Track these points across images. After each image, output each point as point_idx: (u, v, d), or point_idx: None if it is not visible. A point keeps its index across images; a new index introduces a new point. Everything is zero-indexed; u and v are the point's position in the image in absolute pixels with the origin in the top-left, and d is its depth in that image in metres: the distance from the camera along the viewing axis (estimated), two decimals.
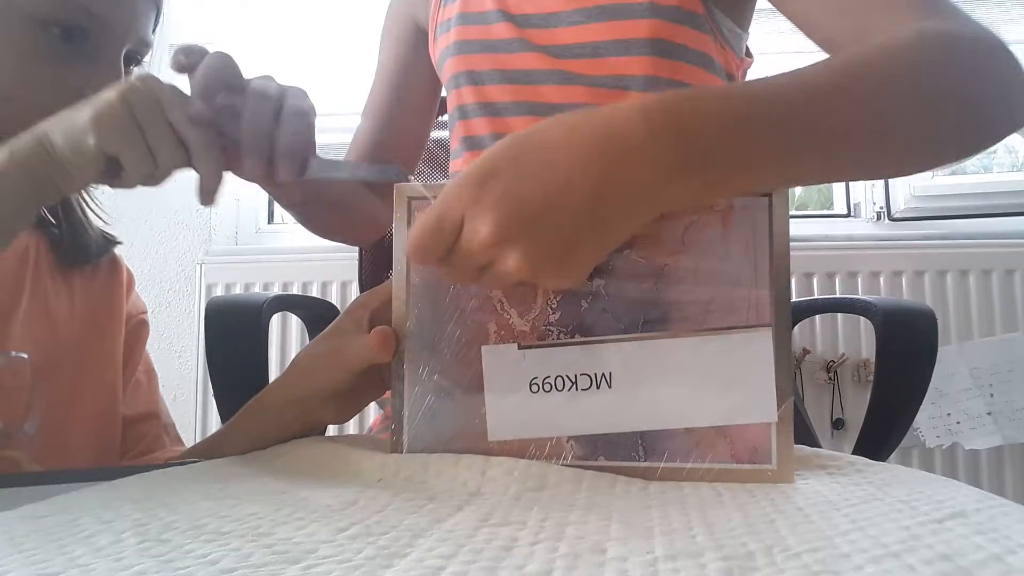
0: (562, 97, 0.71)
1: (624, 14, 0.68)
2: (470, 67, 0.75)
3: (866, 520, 0.30)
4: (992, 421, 1.43)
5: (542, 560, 0.26)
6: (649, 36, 0.67)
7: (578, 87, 0.70)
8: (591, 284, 0.42)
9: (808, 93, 0.41)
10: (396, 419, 0.44)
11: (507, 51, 0.73)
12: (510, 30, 0.73)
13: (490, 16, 0.75)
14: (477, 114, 0.75)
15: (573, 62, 0.70)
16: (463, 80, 0.75)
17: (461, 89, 0.76)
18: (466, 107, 0.76)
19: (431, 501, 0.35)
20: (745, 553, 0.26)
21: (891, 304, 0.75)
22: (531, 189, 0.37)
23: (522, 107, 0.73)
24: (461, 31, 0.76)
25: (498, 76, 0.73)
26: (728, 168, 0.38)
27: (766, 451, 0.40)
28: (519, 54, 0.73)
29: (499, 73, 0.73)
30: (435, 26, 0.81)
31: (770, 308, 0.41)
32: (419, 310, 0.44)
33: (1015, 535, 0.27)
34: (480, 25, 0.75)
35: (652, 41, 0.67)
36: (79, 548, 0.28)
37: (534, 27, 0.72)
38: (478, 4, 0.76)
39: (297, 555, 0.26)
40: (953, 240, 1.52)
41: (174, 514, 0.32)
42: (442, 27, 0.80)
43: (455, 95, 0.77)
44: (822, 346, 1.49)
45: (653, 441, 0.41)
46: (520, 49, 0.72)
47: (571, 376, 0.42)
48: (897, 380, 0.72)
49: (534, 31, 0.72)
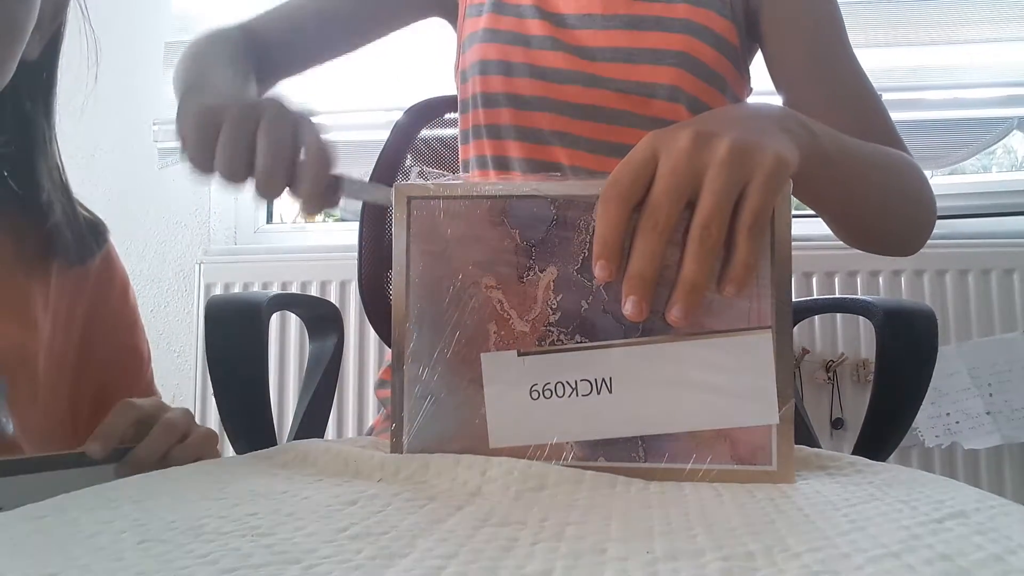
0: (587, 99, 0.73)
1: (662, 26, 0.72)
2: (500, 56, 0.76)
3: (866, 520, 0.30)
4: (991, 421, 1.43)
5: (542, 560, 0.26)
6: (680, 49, 0.71)
7: (604, 91, 0.73)
8: (591, 284, 0.42)
9: (876, 155, 0.62)
10: (396, 419, 0.44)
11: (539, 47, 0.75)
12: (544, 27, 0.75)
13: (525, 10, 0.76)
14: (502, 104, 0.76)
15: (603, 65, 0.73)
16: (492, 68, 0.76)
17: (488, 77, 0.77)
18: (489, 96, 0.77)
19: (431, 501, 0.35)
20: (745, 553, 0.26)
21: (891, 304, 0.75)
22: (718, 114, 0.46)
23: (545, 102, 0.74)
24: (493, 19, 0.77)
25: (526, 70, 0.75)
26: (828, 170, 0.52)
27: (767, 452, 0.40)
28: (550, 52, 0.74)
29: (527, 67, 0.75)
30: (465, 6, 0.82)
31: (771, 310, 0.41)
32: (419, 310, 0.44)
33: (1015, 535, 0.27)
34: (514, 17, 0.76)
35: (680, 54, 0.71)
36: (79, 548, 0.28)
37: (568, 27, 0.75)
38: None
39: (297, 555, 0.26)
40: (952, 240, 1.52)
41: (174, 514, 0.32)
42: (473, 9, 0.81)
43: (480, 81, 0.77)
44: (821, 346, 1.49)
45: (653, 442, 0.41)
46: (552, 47, 0.74)
47: (571, 381, 0.42)
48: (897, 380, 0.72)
49: (567, 31, 0.74)
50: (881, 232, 0.67)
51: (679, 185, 0.39)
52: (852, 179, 0.57)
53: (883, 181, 0.62)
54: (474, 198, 0.43)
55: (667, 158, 0.40)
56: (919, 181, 0.67)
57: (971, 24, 1.53)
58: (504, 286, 0.43)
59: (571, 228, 0.42)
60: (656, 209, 0.39)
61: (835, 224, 0.67)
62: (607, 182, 0.40)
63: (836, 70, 0.72)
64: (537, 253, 0.43)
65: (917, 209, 0.67)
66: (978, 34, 1.53)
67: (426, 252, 0.44)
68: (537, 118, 0.75)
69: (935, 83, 1.52)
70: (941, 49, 1.53)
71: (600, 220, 0.40)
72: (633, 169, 0.40)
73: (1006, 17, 1.53)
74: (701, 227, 0.39)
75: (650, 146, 0.41)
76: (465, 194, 0.44)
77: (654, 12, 0.73)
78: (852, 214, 0.63)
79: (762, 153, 0.40)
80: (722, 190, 0.39)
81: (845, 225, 0.67)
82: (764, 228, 0.40)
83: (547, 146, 0.75)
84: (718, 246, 0.39)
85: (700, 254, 0.39)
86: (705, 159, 0.39)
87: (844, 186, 0.57)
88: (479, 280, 0.43)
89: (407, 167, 1.03)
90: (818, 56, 0.72)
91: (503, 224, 0.43)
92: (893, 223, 0.66)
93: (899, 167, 0.65)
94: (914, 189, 0.66)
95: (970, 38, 1.53)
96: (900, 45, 1.53)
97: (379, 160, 1.02)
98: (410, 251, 0.44)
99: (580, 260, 0.42)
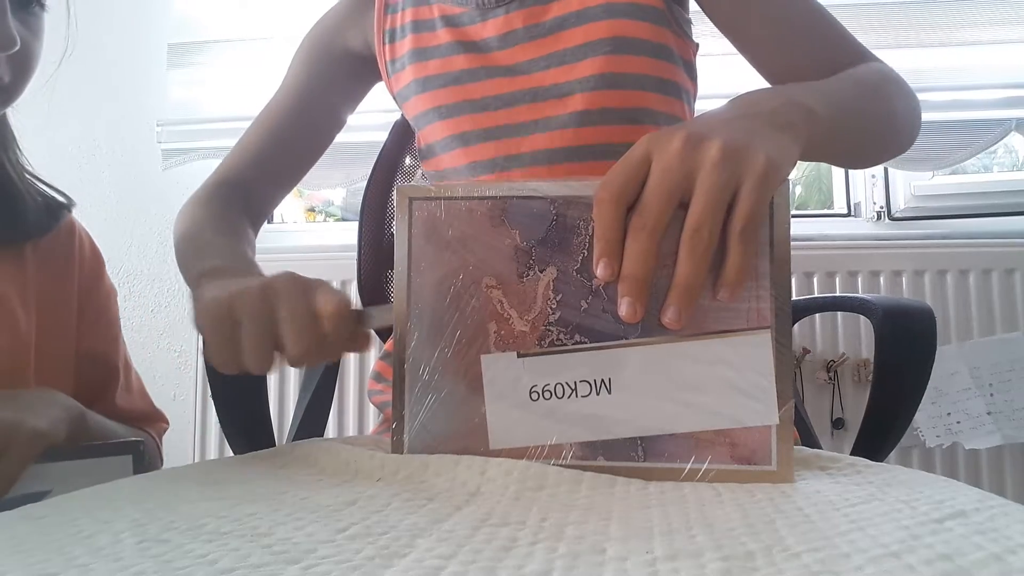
0: (534, 115, 0.70)
1: (584, 19, 0.69)
2: (436, 103, 0.73)
3: (866, 520, 0.30)
4: (992, 421, 1.43)
5: (541, 560, 0.26)
6: (610, 35, 0.68)
7: (550, 100, 0.70)
8: (591, 284, 0.42)
9: (858, 87, 0.62)
10: (396, 419, 0.44)
11: (471, 80, 0.72)
12: (470, 60, 0.72)
13: (446, 49, 0.73)
14: (449, 148, 0.74)
15: (540, 75, 0.70)
16: (433, 116, 0.74)
17: (433, 125, 0.74)
18: (442, 141, 0.74)
19: (431, 501, 0.35)
20: (745, 553, 0.26)
21: (891, 303, 0.75)
22: (712, 116, 0.45)
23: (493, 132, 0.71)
24: (418, 68, 0.74)
25: (467, 107, 0.72)
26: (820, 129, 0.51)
27: (766, 452, 0.40)
28: (485, 81, 0.72)
29: (467, 104, 0.72)
30: (383, 64, 0.79)
31: (771, 310, 0.41)
32: (419, 310, 0.44)
33: (1015, 535, 0.27)
34: (437, 59, 0.74)
35: (612, 40, 0.68)
36: (78, 548, 0.28)
37: (494, 51, 0.72)
38: (431, 39, 0.74)
39: (296, 555, 0.26)
40: (953, 240, 1.52)
41: (173, 514, 0.32)
42: (394, 65, 0.78)
43: (428, 132, 0.75)
44: (822, 345, 1.49)
45: (653, 441, 0.41)
46: (486, 76, 0.72)
47: (571, 383, 0.42)
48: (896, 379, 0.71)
49: (495, 55, 0.72)
50: (880, 149, 0.70)
51: (669, 186, 0.39)
52: (847, 130, 0.60)
53: (872, 109, 0.63)
54: (474, 199, 0.44)
55: (659, 159, 0.40)
56: (894, 84, 0.67)
57: (972, 26, 1.53)
58: (504, 286, 0.43)
59: (571, 228, 0.42)
60: (646, 209, 0.39)
61: (840, 162, 0.73)
62: (600, 184, 0.41)
63: (778, 4, 0.69)
64: (537, 253, 0.43)
65: (903, 117, 0.68)
66: (979, 36, 1.53)
67: (427, 252, 0.44)
68: (488, 148, 0.72)
69: (936, 84, 1.52)
70: (942, 51, 1.54)
71: (597, 221, 0.40)
72: (625, 170, 0.40)
73: (1006, 19, 1.53)
74: (692, 230, 0.39)
75: (644, 147, 0.41)
76: (465, 195, 0.44)
77: (572, 7, 0.70)
78: (853, 151, 0.67)
79: (754, 156, 0.40)
80: (712, 192, 0.39)
81: (849, 162, 0.73)
82: (756, 232, 0.40)
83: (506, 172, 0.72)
84: (710, 248, 0.39)
85: (692, 256, 0.39)
86: (697, 161, 0.40)
87: (843, 137, 0.60)
88: (479, 280, 0.43)
89: (407, 167, 1.03)
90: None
91: (503, 224, 0.43)
92: (889, 137, 0.68)
93: (875, 85, 0.65)
94: (895, 96, 0.66)
95: (971, 40, 1.53)
96: (901, 47, 1.53)
97: (379, 160, 1.02)
98: (411, 251, 0.44)
99: (580, 260, 0.42)
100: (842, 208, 1.72)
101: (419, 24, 0.76)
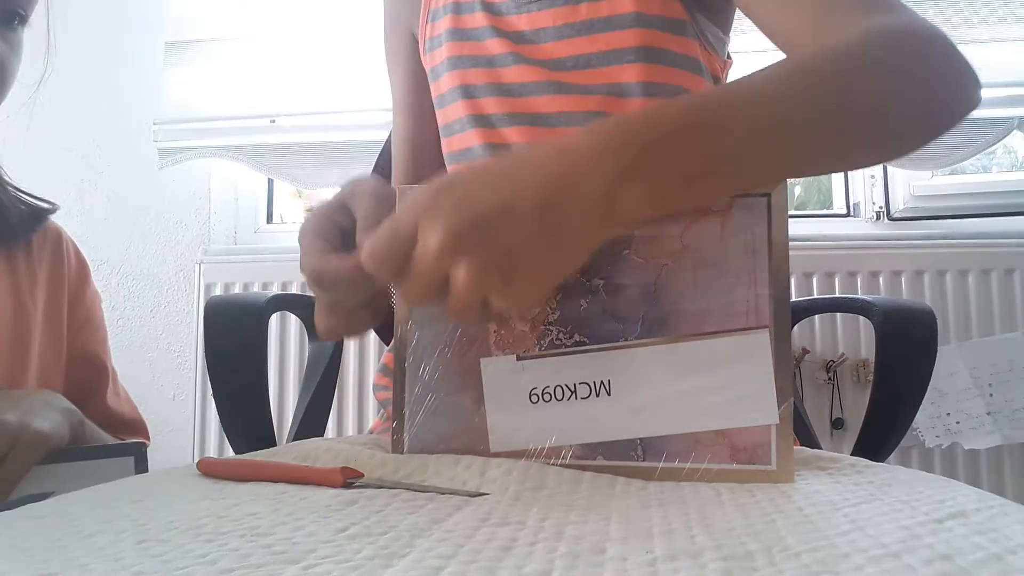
0: (557, 107, 0.72)
1: (612, 26, 0.70)
2: (465, 81, 0.76)
3: (866, 520, 0.30)
4: (992, 421, 1.43)
5: (541, 560, 0.26)
6: (637, 44, 0.69)
7: (573, 96, 0.72)
8: (590, 284, 0.42)
9: (750, 96, 0.43)
10: (397, 418, 0.44)
11: (502, 64, 0.74)
12: (503, 45, 0.74)
13: (482, 32, 0.76)
14: (471, 126, 0.76)
15: (566, 74, 0.72)
16: (458, 94, 0.76)
17: (457, 103, 0.77)
18: (461, 120, 0.77)
19: (431, 501, 0.35)
20: (744, 553, 0.26)
21: (890, 303, 0.75)
22: (485, 197, 0.38)
23: (516, 118, 0.74)
24: (453, 47, 0.77)
25: (493, 89, 0.75)
26: (682, 173, 0.40)
27: (766, 452, 0.40)
28: (513, 67, 0.74)
29: (494, 87, 0.75)
30: (423, 41, 0.82)
31: (769, 310, 0.41)
32: (420, 310, 0.44)
33: (1015, 535, 0.27)
34: (473, 41, 0.76)
35: (640, 49, 0.70)
36: (78, 548, 0.28)
37: (527, 43, 0.74)
38: (469, 21, 0.77)
39: (296, 555, 0.26)
40: (953, 240, 1.52)
41: (173, 514, 0.32)
42: (432, 43, 0.81)
43: (451, 109, 0.78)
44: (821, 346, 1.49)
45: (652, 441, 0.41)
46: (514, 62, 0.74)
47: (570, 385, 0.42)
48: (896, 380, 0.71)
49: (527, 46, 0.74)
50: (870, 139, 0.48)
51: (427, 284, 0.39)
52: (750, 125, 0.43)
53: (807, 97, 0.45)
54: None
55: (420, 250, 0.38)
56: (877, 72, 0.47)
57: (971, 24, 1.53)
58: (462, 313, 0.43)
59: None
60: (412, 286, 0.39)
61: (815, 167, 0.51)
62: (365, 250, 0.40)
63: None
64: None
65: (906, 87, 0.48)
66: (978, 34, 1.53)
67: None
68: (508, 134, 0.74)
69: None
70: None
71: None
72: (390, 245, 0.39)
73: (1006, 18, 1.53)
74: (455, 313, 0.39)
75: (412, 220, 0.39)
76: None
77: (602, 13, 0.71)
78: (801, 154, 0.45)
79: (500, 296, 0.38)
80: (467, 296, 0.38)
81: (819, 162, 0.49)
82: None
83: None
84: None
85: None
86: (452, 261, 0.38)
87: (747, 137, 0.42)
88: None
89: None
90: None
91: None
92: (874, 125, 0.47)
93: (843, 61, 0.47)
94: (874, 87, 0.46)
95: (970, 38, 1.53)
96: None
97: (379, 160, 1.02)
98: None
99: None
100: (841, 208, 1.72)
101: (459, 6, 0.78)
